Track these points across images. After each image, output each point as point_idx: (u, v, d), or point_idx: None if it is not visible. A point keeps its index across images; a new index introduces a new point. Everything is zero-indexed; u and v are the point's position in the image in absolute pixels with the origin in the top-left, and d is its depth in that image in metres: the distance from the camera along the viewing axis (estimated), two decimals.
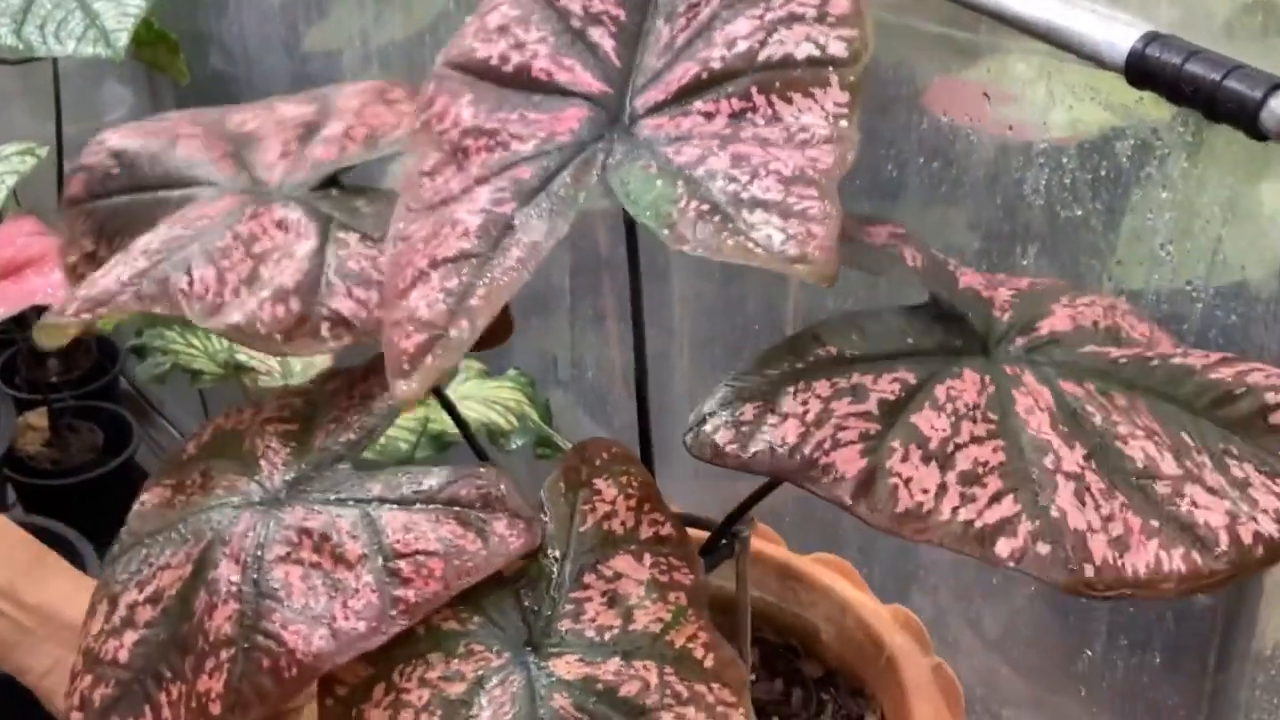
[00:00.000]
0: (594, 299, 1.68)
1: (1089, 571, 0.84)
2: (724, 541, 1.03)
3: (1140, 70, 1.01)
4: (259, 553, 0.95)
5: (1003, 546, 0.84)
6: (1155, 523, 0.86)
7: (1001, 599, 1.31)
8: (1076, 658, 1.24)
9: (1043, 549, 0.84)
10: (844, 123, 0.92)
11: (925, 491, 0.86)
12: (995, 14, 1.10)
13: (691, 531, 1.00)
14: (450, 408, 1.14)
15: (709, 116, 0.94)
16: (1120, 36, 1.02)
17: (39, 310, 2.46)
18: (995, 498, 0.86)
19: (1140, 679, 1.20)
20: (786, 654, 1.21)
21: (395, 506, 0.96)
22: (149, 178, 1.16)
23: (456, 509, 0.95)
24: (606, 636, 0.91)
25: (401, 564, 0.92)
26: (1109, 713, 1.24)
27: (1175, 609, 1.16)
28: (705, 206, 0.89)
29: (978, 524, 0.85)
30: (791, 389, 0.91)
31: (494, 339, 1.05)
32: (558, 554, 0.94)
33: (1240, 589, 1.09)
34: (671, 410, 1.58)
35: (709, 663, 0.91)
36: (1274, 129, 0.95)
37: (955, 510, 0.85)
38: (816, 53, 0.94)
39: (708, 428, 0.90)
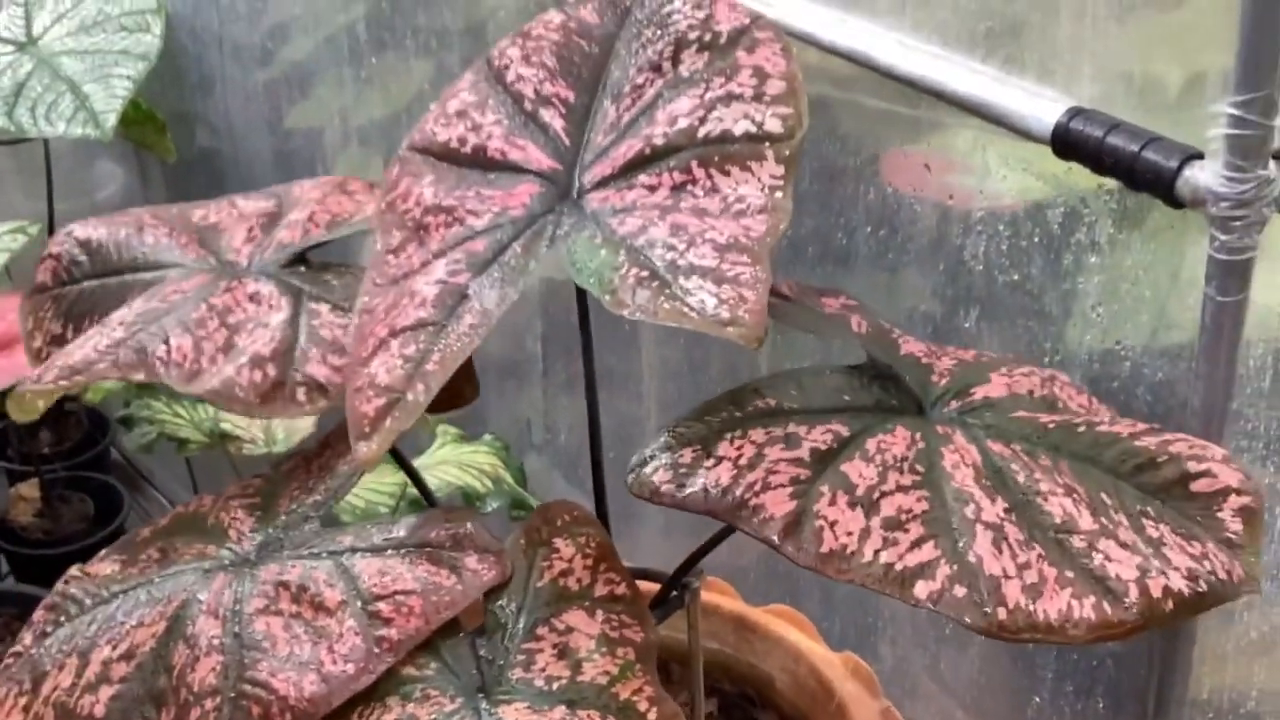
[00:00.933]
0: (566, 365, 1.73)
1: (1002, 615, 0.89)
2: (674, 593, 1.07)
3: (1065, 142, 1.06)
4: (237, 607, 1.00)
5: (921, 588, 0.90)
6: (1070, 573, 0.91)
7: (957, 648, 1.35)
8: (1027, 704, 1.29)
9: (959, 592, 0.89)
10: (779, 194, 0.98)
11: (850, 534, 0.91)
12: (933, 91, 1.15)
13: (645, 585, 1.05)
14: (411, 473, 1.19)
15: (652, 189, 1.00)
16: (1046, 111, 1.07)
17: None
18: (916, 543, 0.91)
19: None
20: (743, 703, 1.26)
21: (368, 554, 1.01)
22: (117, 263, 1.22)
23: (428, 549, 1.00)
24: (554, 686, 0.96)
25: (381, 605, 0.98)
26: None
27: (1115, 656, 1.20)
28: (645, 273, 0.94)
29: (898, 566, 0.90)
30: (729, 435, 0.97)
31: (462, 400, 1.11)
32: (514, 606, 0.99)
33: (1174, 637, 1.13)
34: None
35: (651, 715, 0.95)
36: (1188, 197, 1.01)
37: (877, 553, 0.91)
38: (754, 129, 1.00)
39: (648, 469, 0.96)
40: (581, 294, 1.07)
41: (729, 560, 1.39)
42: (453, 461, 1.72)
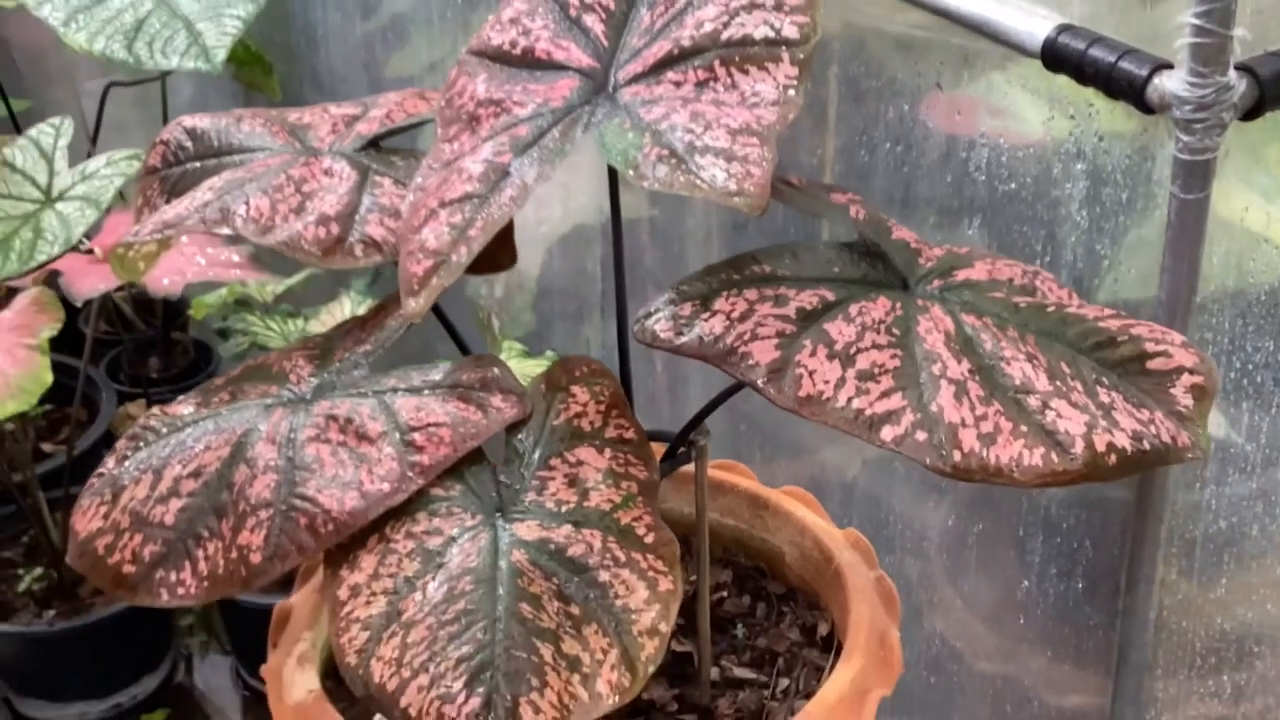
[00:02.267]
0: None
1: (957, 457, 0.99)
2: (682, 449, 1.18)
3: (1053, 56, 1.16)
4: (292, 435, 1.11)
5: (887, 432, 1.00)
6: (1024, 427, 1.01)
7: (958, 542, 1.45)
8: (1017, 588, 1.38)
9: (920, 436, 0.99)
10: (791, 91, 1.08)
11: (826, 382, 1.01)
12: (941, 11, 1.25)
13: (656, 446, 1.16)
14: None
15: (678, 85, 1.11)
16: (1039, 28, 1.17)
17: (139, 311, 2.66)
18: (886, 393, 1.01)
19: (1067, 603, 1.33)
20: (755, 575, 1.36)
21: (408, 393, 1.13)
22: (216, 148, 1.34)
23: (460, 389, 1.12)
24: (563, 509, 1.07)
25: (416, 435, 1.09)
26: (1044, 635, 1.37)
27: (1093, 539, 1.29)
28: (665, 152, 1.05)
29: (868, 412, 1.00)
30: (725, 294, 1.07)
31: (500, 265, 1.22)
32: (531, 441, 1.11)
33: (1144, 519, 1.22)
34: (684, 378, 1.73)
35: (648, 539, 1.06)
36: (1157, 103, 1.10)
37: (850, 400, 1.01)
38: (772, 34, 1.10)
39: (651, 320, 1.07)
40: (613, 181, 1.18)
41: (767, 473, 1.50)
42: (517, 373, 1.83)
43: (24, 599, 2.20)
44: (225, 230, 1.17)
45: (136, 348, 2.68)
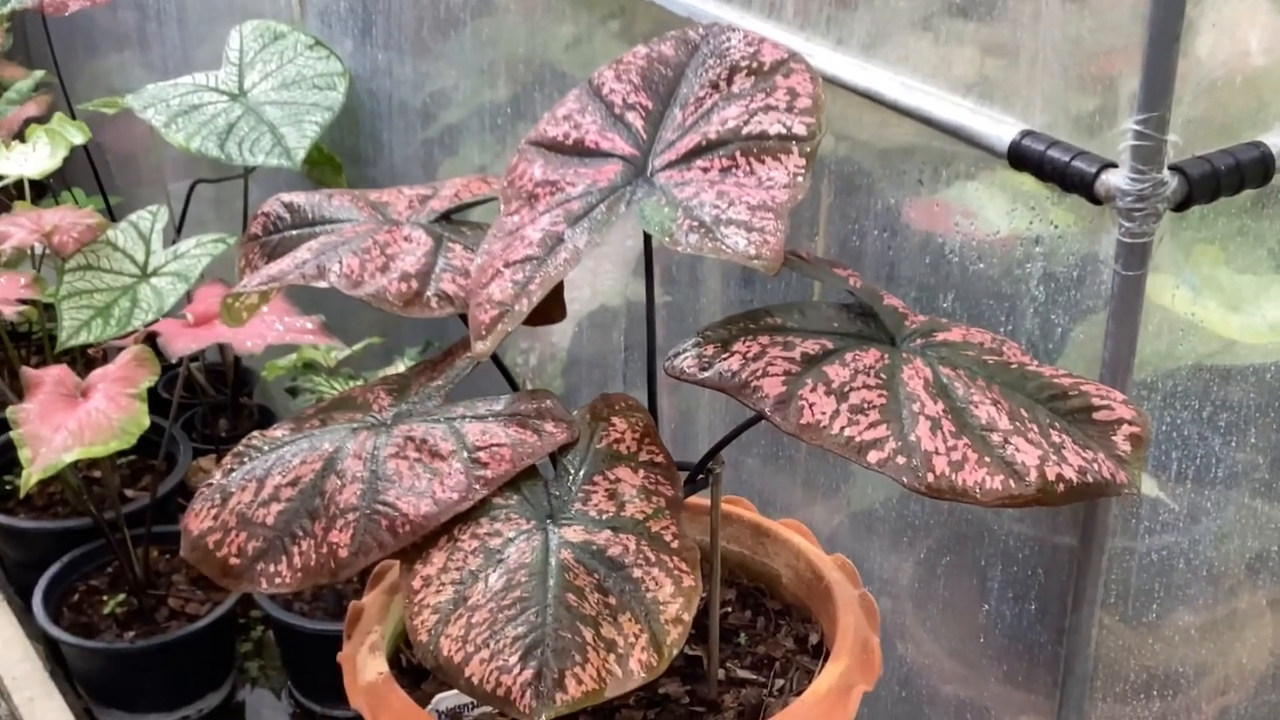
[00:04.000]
0: (642, 355, 1.90)
1: (930, 478, 1.06)
2: (701, 475, 1.25)
3: (1018, 156, 1.25)
4: (375, 452, 1.19)
5: (873, 455, 1.07)
6: (987, 457, 1.08)
7: (929, 573, 1.51)
8: (979, 611, 1.44)
9: (900, 460, 1.07)
10: (799, 178, 1.17)
11: (824, 413, 1.09)
12: (925, 119, 1.34)
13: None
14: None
15: (706, 170, 1.19)
16: (1005, 133, 1.26)
17: (212, 379, 2.72)
18: (873, 424, 1.09)
19: (1021, 623, 1.39)
20: (756, 594, 1.42)
21: (474, 419, 1.20)
22: (310, 219, 1.43)
23: (518, 417, 1.20)
24: (603, 517, 1.14)
25: (481, 454, 1.16)
26: (1002, 652, 1.43)
27: (1044, 565, 1.36)
28: (695, 223, 1.13)
29: (857, 439, 1.08)
30: (742, 339, 1.15)
31: (552, 319, 1.30)
32: (578, 461, 1.18)
33: (1086, 548, 1.29)
34: (693, 437, 1.80)
35: (674, 544, 1.13)
36: (1103, 196, 1.18)
37: (843, 428, 1.08)
38: (784, 131, 1.19)
39: (679, 358, 1.15)
40: (648, 250, 1.26)
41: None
42: None
43: (107, 621, 2.26)
44: (322, 284, 1.25)
45: (210, 410, 2.75)
